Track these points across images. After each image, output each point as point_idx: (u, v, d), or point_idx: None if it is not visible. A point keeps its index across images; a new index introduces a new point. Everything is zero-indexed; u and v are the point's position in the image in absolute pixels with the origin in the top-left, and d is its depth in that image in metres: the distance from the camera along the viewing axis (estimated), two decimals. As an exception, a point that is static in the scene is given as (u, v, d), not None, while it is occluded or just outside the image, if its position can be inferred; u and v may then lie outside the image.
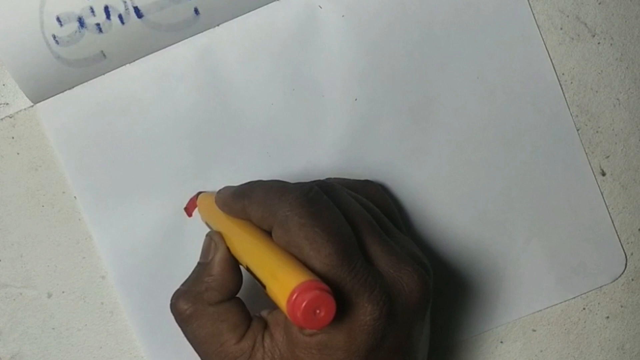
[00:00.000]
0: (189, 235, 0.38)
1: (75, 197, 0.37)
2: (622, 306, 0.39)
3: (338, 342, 0.27)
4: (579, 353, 0.40)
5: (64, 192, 0.38)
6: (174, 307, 0.31)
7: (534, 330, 0.39)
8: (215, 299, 0.30)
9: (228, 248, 0.31)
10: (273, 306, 0.29)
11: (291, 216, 0.28)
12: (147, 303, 0.38)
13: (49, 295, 0.38)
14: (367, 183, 0.36)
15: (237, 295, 0.31)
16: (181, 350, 0.38)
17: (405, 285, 0.28)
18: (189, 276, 0.32)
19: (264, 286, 0.27)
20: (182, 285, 0.31)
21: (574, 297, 0.39)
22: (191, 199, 0.38)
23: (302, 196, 0.28)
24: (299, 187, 0.29)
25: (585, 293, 0.39)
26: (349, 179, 0.36)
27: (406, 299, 0.28)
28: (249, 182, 0.31)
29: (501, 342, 0.39)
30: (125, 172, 0.37)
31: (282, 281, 0.25)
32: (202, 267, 0.31)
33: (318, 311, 0.24)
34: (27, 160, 0.37)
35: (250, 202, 0.30)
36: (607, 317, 0.39)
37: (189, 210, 0.38)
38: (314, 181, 0.33)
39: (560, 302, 0.39)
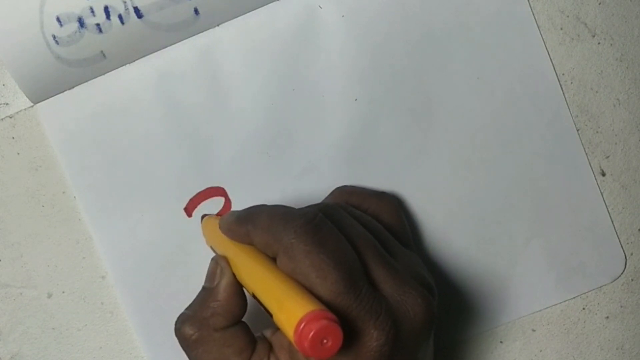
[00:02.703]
0: (189, 235, 0.38)
1: (75, 197, 0.38)
2: (621, 306, 0.39)
3: None
4: (579, 353, 0.40)
5: (64, 192, 0.38)
6: (179, 332, 0.30)
7: (534, 330, 0.39)
8: (221, 325, 0.30)
9: (233, 273, 0.31)
10: (276, 326, 0.29)
11: (296, 243, 0.28)
12: (147, 303, 0.38)
13: (49, 295, 0.38)
14: (381, 196, 0.36)
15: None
16: (181, 351, 0.38)
17: (410, 309, 0.28)
18: (194, 300, 0.31)
19: (270, 314, 0.27)
20: (187, 309, 0.31)
21: (574, 297, 0.39)
22: (191, 199, 0.38)
23: (307, 223, 0.28)
24: (303, 213, 0.29)
25: (585, 293, 0.39)
26: (365, 189, 0.36)
27: (411, 322, 0.28)
28: (252, 207, 0.31)
29: (501, 342, 0.39)
30: (125, 172, 0.37)
31: (289, 310, 0.25)
32: (208, 292, 0.31)
33: (325, 341, 0.24)
34: (27, 160, 0.37)
35: (255, 227, 0.30)
36: (607, 317, 0.39)
37: (188, 210, 0.38)
38: (317, 205, 0.33)
39: (560, 302, 0.39)
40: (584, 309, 0.39)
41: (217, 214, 0.38)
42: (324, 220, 0.29)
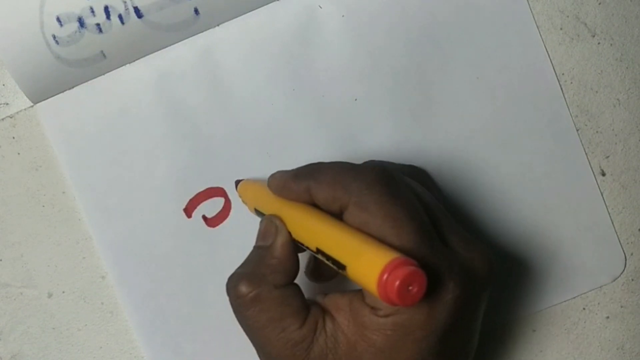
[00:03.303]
0: (189, 235, 0.38)
1: (75, 197, 0.38)
2: (622, 306, 0.39)
3: (417, 321, 0.27)
4: (579, 353, 0.40)
5: (64, 192, 0.38)
6: (234, 291, 0.29)
7: (534, 331, 0.39)
8: (280, 282, 0.29)
9: (289, 231, 0.30)
10: (320, 290, 0.29)
11: (369, 194, 0.27)
12: (147, 303, 0.38)
13: (49, 295, 0.38)
14: (412, 168, 0.36)
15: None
16: (181, 350, 0.38)
17: (476, 265, 0.29)
18: (247, 260, 0.31)
19: (342, 267, 0.26)
20: (241, 268, 0.30)
21: (574, 297, 0.39)
22: (191, 199, 0.38)
23: (379, 175, 0.28)
24: (373, 166, 0.29)
25: (585, 293, 0.39)
26: (395, 163, 0.36)
27: (478, 277, 0.28)
28: (309, 164, 0.31)
29: (501, 342, 0.39)
30: (125, 172, 0.37)
31: (369, 260, 0.25)
32: (264, 250, 0.30)
33: (411, 287, 0.24)
34: (28, 160, 0.37)
35: (318, 182, 0.29)
36: (607, 317, 0.39)
37: (188, 210, 0.38)
38: (366, 162, 0.33)
39: (560, 302, 0.39)
40: (584, 309, 0.39)
41: (218, 214, 0.38)
42: (394, 174, 0.29)
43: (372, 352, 0.27)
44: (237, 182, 0.37)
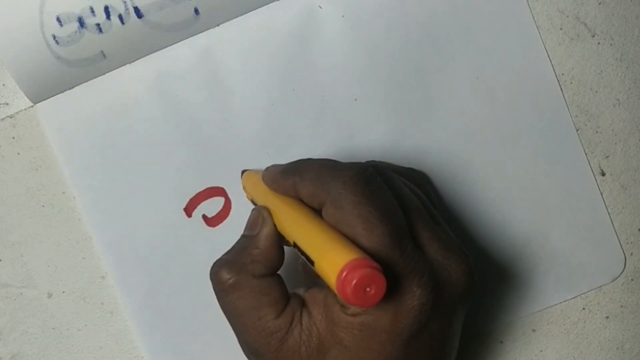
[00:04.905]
0: (189, 235, 0.38)
1: (75, 197, 0.38)
2: (621, 306, 0.39)
3: (382, 324, 0.27)
4: (579, 353, 0.40)
5: (64, 192, 0.38)
6: (216, 276, 0.30)
7: (534, 330, 0.39)
8: (260, 272, 0.30)
9: (275, 224, 0.31)
10: (309, 284, 0.29)
11: (345, 194, 0.28)
12: (147, 303, 0.38)
13: (49, 295, 0.38)
14: (411, 171, 0.36)
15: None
16: (181, 351, 0.38)
17: (452, 274, 0.29)
18: (233, 247, 0.31)
19: (312, 262, 0.27)
20: (225, 255, 0.31)
21: (574, 297, 0.39)
22: (191, 199, 0.38)
23: (357, 175, 0.28)
24: (353, 166, 0.29)
25: (584, 293, 0.39)
26: (394, 165, 0.36)
27: (452, 287, 0.29)
28: (298, 160, 0.31)
29: (501, 342, 0.39)
30: (125, 172, 0.37)
31: (333, 258, 0.25)
32: (248, 240, 0.31)
33: (368, 289, 0.24)
34: (28, 160, 0.38)
35: (302, 179, 0.30)
36: (607, 317, 0.39)
37: (188, 210, 0.38)
38: (367, 162, 0.33)
39: (560, 302, 0.39)
40: (584, 309, 0.39)
41: (218, 214, 0.38)
42: (374, 175, 0.29)
43: (339, 349, 0.28)
44: (243, 172, 0.37)
